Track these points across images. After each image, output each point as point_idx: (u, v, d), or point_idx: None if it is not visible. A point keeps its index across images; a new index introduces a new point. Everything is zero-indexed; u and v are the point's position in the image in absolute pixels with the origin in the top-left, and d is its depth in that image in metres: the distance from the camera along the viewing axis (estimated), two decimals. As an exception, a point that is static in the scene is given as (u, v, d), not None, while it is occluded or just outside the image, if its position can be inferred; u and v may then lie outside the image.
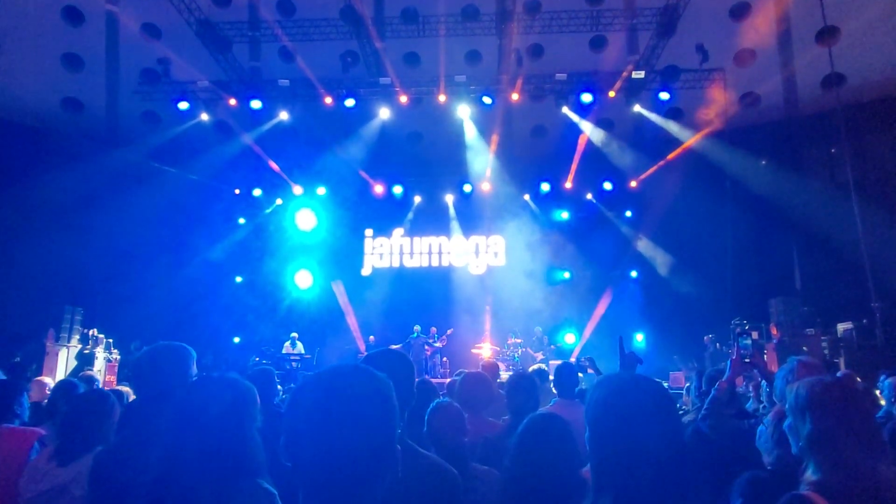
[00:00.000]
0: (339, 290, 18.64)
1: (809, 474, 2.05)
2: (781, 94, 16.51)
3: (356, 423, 1.37)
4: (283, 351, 16.30)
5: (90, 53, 16.44)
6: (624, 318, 16.87)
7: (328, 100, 16.30)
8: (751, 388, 5.64)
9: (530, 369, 5.10)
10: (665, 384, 10.97)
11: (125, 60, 16.67)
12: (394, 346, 11.96)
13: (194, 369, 2.79)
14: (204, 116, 16.63)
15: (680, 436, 1.67)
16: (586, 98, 15.79)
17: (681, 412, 4.97)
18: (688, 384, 4.98)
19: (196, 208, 17.76)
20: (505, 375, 8.53)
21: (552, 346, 16.47)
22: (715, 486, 3.07)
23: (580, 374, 5.44)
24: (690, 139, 16.51)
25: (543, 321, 16.94)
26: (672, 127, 16.69)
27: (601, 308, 17.33)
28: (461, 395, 4.22)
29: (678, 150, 16.64)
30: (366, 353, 2.90)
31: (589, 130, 17.03)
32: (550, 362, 13.44)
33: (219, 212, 18.37)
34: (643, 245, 17.78)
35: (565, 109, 16.56)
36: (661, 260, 17.26)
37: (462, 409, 3.24)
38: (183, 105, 16.19)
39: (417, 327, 17.03)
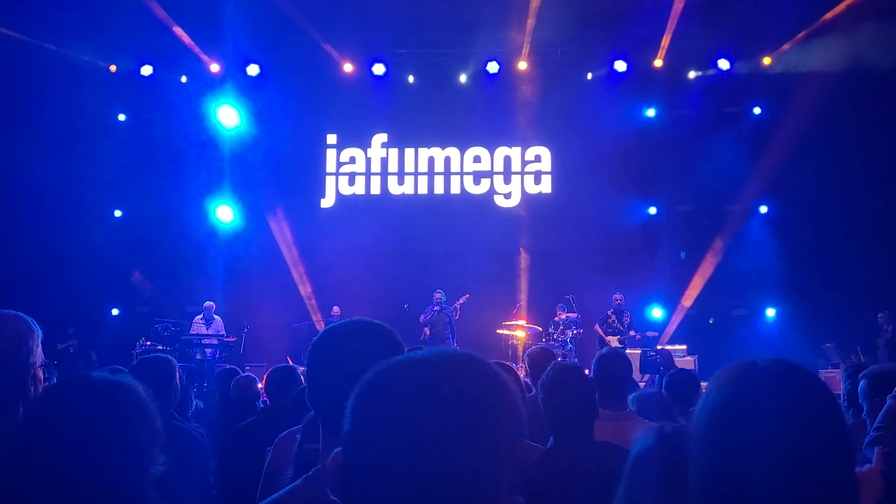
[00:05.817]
0: (283, 232, 18.71)
1: None
2: None
3: None
4: (192, 331, 16.44)
5: None
6: (746, 280, 16.88)
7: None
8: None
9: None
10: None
11: None
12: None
13: (39, 356, 2.75)
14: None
15: (850, 467, 1.57)
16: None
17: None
18: (846, 388, 5.08)
19: (52, 96, 17.73)
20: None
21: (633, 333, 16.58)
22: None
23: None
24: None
25: (616, 287, 17.01)
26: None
27: (709, 265, 17.33)
28: None
29: (841, 6, 16.39)
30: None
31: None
32: (628, 351, 13.55)
33: (86, 102, 18.29)
34: (780, 162, 17.68)
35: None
36: (807, 188, 17.19)
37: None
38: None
39: (439, 294, 16.48)
